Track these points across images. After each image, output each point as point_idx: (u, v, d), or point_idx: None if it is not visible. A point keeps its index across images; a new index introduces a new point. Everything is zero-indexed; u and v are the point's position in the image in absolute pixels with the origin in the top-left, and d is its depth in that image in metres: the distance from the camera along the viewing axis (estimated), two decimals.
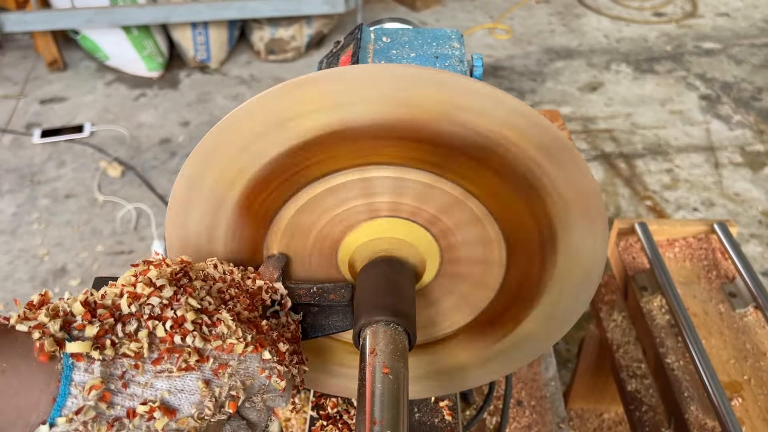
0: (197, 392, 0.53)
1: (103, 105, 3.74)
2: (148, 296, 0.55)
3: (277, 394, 0.59)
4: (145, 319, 0.54)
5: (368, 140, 0.65)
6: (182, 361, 0.53)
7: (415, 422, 0.92)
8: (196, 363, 0.54)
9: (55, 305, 0.52)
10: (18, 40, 4.32)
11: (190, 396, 0.53)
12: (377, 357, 0.60)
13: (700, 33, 4.52)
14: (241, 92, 3.87)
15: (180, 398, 0.53)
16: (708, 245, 1.60)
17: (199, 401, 0.53)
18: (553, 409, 1.35)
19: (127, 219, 2.97)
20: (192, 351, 0.54)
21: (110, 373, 0.51)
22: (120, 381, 0.52)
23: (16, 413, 0.48)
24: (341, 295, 0.71)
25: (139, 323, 0.54)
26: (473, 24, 4.63)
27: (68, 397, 0.49)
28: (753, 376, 1.31)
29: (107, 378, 0.51)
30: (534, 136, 0.64)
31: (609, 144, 3.43)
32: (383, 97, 0.62)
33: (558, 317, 0.79)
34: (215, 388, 0.54)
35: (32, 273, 2.71)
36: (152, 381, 0.53)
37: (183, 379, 0.53)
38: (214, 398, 0.54)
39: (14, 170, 3.24)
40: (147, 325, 0.54)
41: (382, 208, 0.71)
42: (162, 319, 0.54)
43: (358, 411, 0.57)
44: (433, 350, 0.84)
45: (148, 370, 0.53)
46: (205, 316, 0.56)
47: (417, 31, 0.95)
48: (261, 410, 0.57)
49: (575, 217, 0.70)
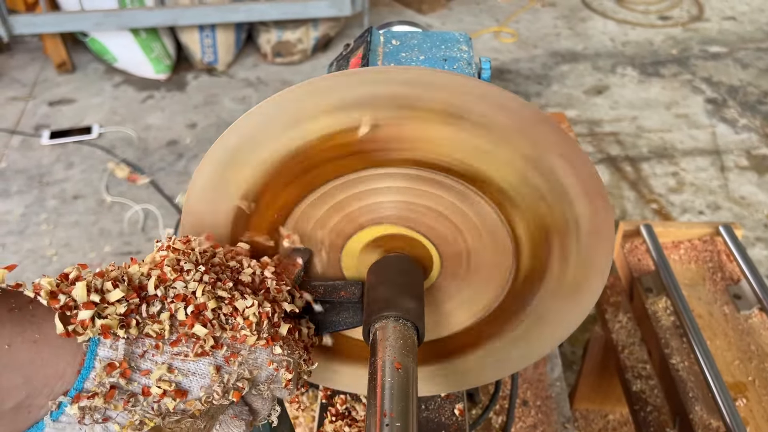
0: (208, 376, 0.55)
1: (110, 107, 3.77)
2: (174, 280, 0.57)
3: (282, 385, 0.60)
4: (169, 301, 0.56)
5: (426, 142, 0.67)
6: (198, 347, 0.55)
7: (422, 419, 0.94)
8: (211, 349, 0.56)
9: (89, 281, 0.53)
10: (27, 43, 4.35)
11: (201, 380, 0.55)
12: (387, 351, 0.61)
13: (706, 37, 4.52)
14: (247, 95, 3.89)
15: (191, 381, 0.55)
16: (713, 247, 1.61)
17: (209, 385, 0.55)
18: (558, 409, 1.36)
19: (135, 220, 2.99)
20: (209, 337, 0.55)
21: (132, 351, 0.53)
22: (140, 359, 0.54)
23: (43, 381, 0.50)
24: (351, 291, 0.73)
25: (163, 305, 0.55)
26: (479, 27, 4.64)
27: (92, 370, 0.51)
28: (757, 377, 1.32)
29: (129, 355, 0.53)
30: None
31: (614, 147, 3.44)
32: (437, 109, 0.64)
33: (555, 321, 0.80)
34: (225, 375, 0.56)
35: (40, 273, 2.73)
36: (169, 362, 0.54)
37: (197, 363, 0.55)
38: (222, 384, 0.55)
39: (23, 171, 3.27)
40: (170, 307, 0.55)
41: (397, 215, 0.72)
42: (186, 302, 0.56)
43: (368, 403, 0.58)
44: (440, 347, 0.85)
45: (166, 351, 0.55)
46: (225, 305, 0.58)
47: (426, 34, 0.97)
48: (266, 399, 0.59)
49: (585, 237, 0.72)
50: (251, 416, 0.58)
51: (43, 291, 0.51)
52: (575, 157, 0.65)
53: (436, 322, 0.82)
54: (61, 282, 0.53)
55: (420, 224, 0.73)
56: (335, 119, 0.65)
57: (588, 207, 0.69)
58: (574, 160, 0.66)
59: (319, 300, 0.73)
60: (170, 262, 0.58)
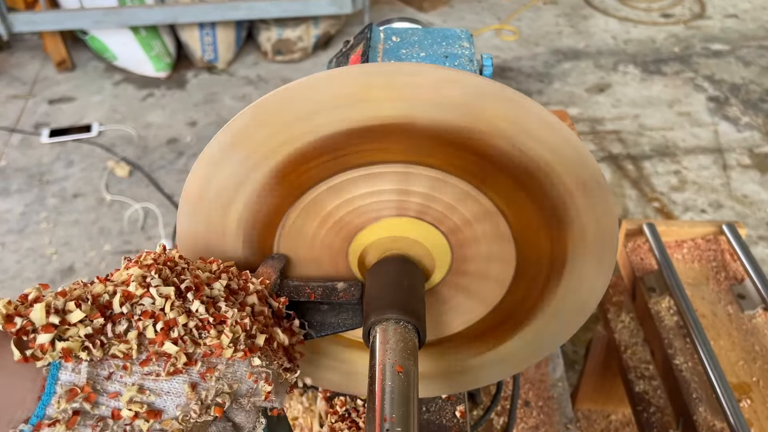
0: (183, 395, 0.53)
1: (110, 105, 3.75)
2: (141, 297, 0.54)
3: (263, 398, 0.58)
4: (136, 319, 0.53)
5: (424, 140, 0.65)
6: (170, 365, 0.53)
7: (423, 421, 0.93)
8: (184, 366, 0.53)
9: (48, 302, 0.51)
10: (27, 40, 4.34)
11: (176, 398, 0.53)
12: (388, 354, 0.60)
13: (708, 34, 4.50)
14: (248, 93, 3.88)
15: (166, 400, 0.52)
16: (717, 246, 1.59)
17: (185, 403, 0.53)
18: (560, 409, 1.35)
19: (135, 218, 2.98)
20: (180, 354, 0.53)
21: (97, 374, 0.51)
22: (107, 382, 0.51)
23: (2, 409, 0.48)
24: (350, 293, 0.71)
25: (130, 323, 0.53)
26: (481, 25, 4.62)
27: (53, 396, 0.49)
28: (762, 377, 1.30)
29: (94, 378, 0.51)
30: (577, 170, 0.65)
31: (616, 145, 3.42)
32: (453, 103, 0.62)
33: (542, 342, 0.80)
34: (201, 392, 0.53)
35: (40, 272, 2.72)
36: (139, 382, 0.52)
37: (170, 382, 0.53)
38: (200, 401, 0.53)
39: (23, 170, 3.26)
40: (137, 325, 0.53)
41: (410, 207, 0.71)
42: (155, 319, 0.54)
43: (368, 408, 0.57)
44: (439, 350, 0.84)
45: (136, 372, 0.52)
46: (197, 320, 0.55)
47: (426, 30, 0.95)
48: (249, 411, 0.57)
49: (589, 251, 0.71)
50: (235, 431, 0.56)
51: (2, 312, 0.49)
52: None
53: (438, 321, 0.81)
54: (21, 304, 0.50)
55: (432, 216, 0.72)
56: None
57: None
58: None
59: (318, 302, 0.72)
60: (137, 278, 0.55)
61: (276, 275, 0.71)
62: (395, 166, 0.67)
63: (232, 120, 0.65)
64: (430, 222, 0.71)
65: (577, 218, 0.68)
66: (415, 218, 0.71)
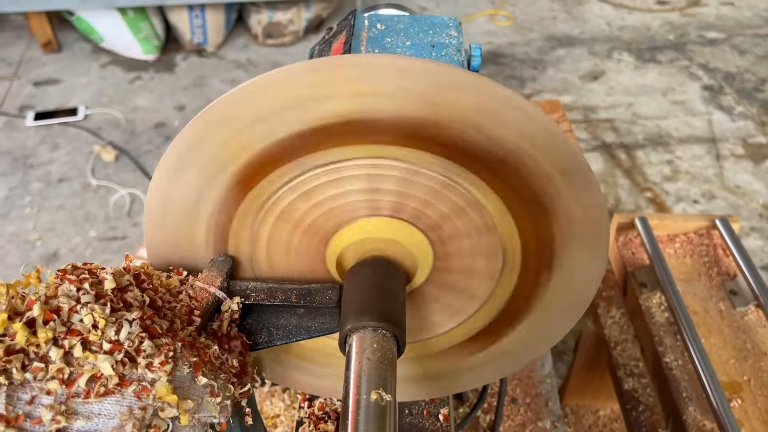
0: (116, 417, 0.49)
1: (97, 88, 3.69)
2: (70, 311, 0.51)
3: (210, 412, 0.54)
4: (62, 337, 0.49)
5: (386, 135, 0.61)
6: (100, 386, 0.49)
7: (405, 425, 0.90)
8: (116, 386, 0.49)
9: None
10: (12, 21, 4.25)
11: (109, 420, 0.49)
12: (364, 365, 0.57)
13: (703, 22, 4.46)
14: (238, 76, 3.81)
15: (97, 423, 0.49)
16: (709, 241, 1.57)
17: (119, 425, 0.49)
18: (548, 407, 1.33)
19: (121, 204, 2.93)
20: (110, 373, 0.49)
21: (18, 398, 0.47)
22: (29, 406, 0.47)
23: None
24: (328, 297, 0.68)
25: (55, 341, 0.49)
26: (474, 10, 4.56)
27: None
28: (753, 376, 1.28)
29: (14, 404, 0.47)
30: (556, 157, 0.62)
31: (609, 134, 3.39)
32: (413, 94, 0.58)
33: (540, 336, 0.77)
34: (138, 411, 0.49)
35: (24, 258, 2.68)
36: (66, 405, 0.48)
37: (101, 404, 0.49)
38: (136, 421, 0.49)
39: (7, 153, 3.20)
40: (63, 344, 0.49)
41: (383, 206, 0.67)
42: (83, 338, 0.50)
43: (342, 422, 0.54)
44: (422, 353, 0.81)
45: (62, 394, 0.48)
46: (131, 339, 0.51)
47: (413, 18, 0.91)
48: (195, 427, 0.53)
49: (578, 242, 0.68)
50: None
51: None
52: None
53: (425, 322, 0.78)
54: None
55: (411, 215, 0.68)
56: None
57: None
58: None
59: (294, 305, 0.68)
60: (65, 291, 0.51)
61: (221, 279, 0.67)
62: (360, 162, 0.64)
63: (188, 126, 0.62)
64: (406, 220, 0.68)
65: (560, 205, 0.65)
66: (390, 217, 0.68)
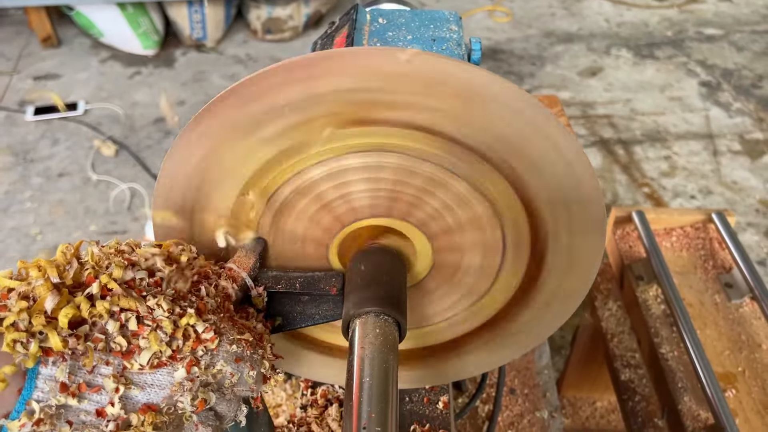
0: (167, 387, 0.52)
1: (97, 83, 3.70)
2: (125, 287, 0.53)
3: (247, 386, 0.57)
4: (118, 311, 0.52)
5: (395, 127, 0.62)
6: (155, 358, 0.51)
7: (405, 412, 0.91)
8: (168, 359, 0.52)
9: (26, 292, 0.49)
10: (11, 16, 4.25)
11: (161, 391, 0.52)
12: (367, 349, 0.59)
13: (701, 19, 4.47)
14: (237, 72, 3.82)
15: (150, 393, 0.51)
16: (705, 235, 1.58)
17: (169, 395, 0.52)
18: (545, 397, 1.34)
19: (121, 199, 2.94)
20: (164, 347, 0.52)
21: (79, 367, 0.49)
22: (90, 375, 0.50)
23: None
24: (331, 284, 0.69)
25: (112, 315, 0.51)
26: (473, 6, 4.57)
27: (34, 390, 0.47)
28: (747, 367, 1.30)
29: (76, 372, 0.49)
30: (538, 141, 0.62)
31: (607, 130, 3.40)
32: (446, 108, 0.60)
33: (538, 327, 0.78)
34: (186, 383, 0.52)
35: (24, 252, 2.69)
36: (123, 375, 0.51)
37: (154, 375, 0.51)
38: (186, 392, 0.52)
39: (7, 148, 3.21)
40: (120, 317, 0.51)
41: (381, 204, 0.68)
42: (137, 313, 0.52)
43: (345, 404, 0.56)
44: (424, 340, 0.82)
45: (118, 365, 0.51)
46: (178, 310, 0.54)
47: (414, 12, 0.93)
48: (231, 401, 0.56)
49: (574, 221, 0.68)
50: (218, 421, 0.55)
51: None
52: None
53: (425, 312, 0.79)
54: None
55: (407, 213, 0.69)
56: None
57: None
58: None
59: (298, 293, 0.70)
60: (119, 264, 0.54)
61: (254, 260, 0.69)
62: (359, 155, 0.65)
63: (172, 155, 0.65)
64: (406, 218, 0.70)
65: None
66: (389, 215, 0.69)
